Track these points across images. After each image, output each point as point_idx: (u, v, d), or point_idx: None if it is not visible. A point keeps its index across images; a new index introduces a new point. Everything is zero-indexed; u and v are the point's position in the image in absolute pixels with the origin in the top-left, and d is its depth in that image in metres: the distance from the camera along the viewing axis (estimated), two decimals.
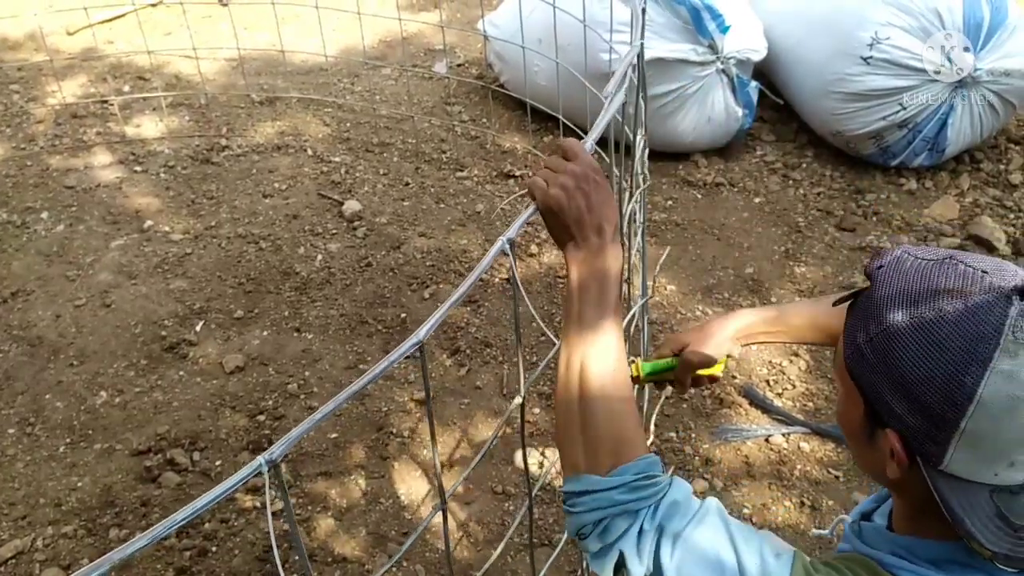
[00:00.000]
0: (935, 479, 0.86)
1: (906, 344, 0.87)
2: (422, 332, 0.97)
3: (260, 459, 0.80)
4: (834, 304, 1.09)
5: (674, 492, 1.00)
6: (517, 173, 3.66)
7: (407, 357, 0.97)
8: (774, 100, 3.85)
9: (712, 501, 1.00)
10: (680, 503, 0.99)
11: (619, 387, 1.06)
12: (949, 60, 3.25)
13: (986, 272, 0.86)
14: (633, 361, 1.31)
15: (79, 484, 2.43)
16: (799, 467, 2.44)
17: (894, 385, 0.88)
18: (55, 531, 2.30)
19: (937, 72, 3.27)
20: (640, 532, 0.98)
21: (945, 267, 0.88)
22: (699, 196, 3.55)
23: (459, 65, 4.57)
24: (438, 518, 1.21)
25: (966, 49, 3.25)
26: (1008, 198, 3.43)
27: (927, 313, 0.86)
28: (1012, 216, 3.34)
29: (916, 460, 0.88)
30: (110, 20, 4.88)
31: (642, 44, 1.68)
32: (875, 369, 0.90)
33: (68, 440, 2.56)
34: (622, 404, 1.05)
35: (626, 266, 1.80)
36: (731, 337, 1.33)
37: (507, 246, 1.09)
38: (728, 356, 1.33)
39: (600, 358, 1.06)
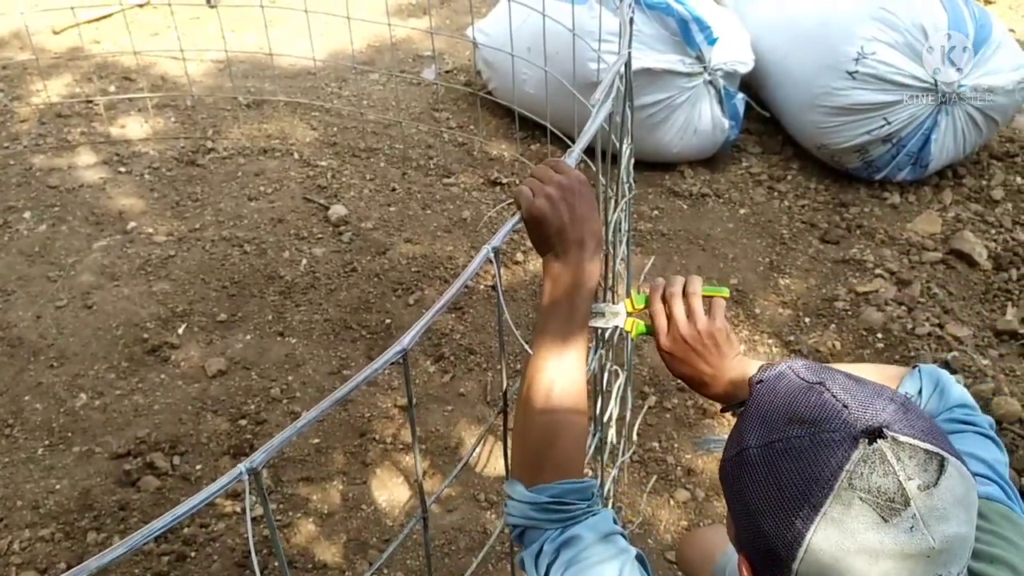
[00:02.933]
0: None
1: (754, 472, 0.84)
2: (406, 340, 0.97)
3: (240, 467, 0.80)
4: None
5: (584, 528, 1.01)
6: (504, 180, 3.67)
7: (392, 363, 0.97)
8: (760, 112, 3.88)
9: (624, 556, 0.99)
10: (582, 539, 1.00)
11: (569, 409, 1.09)
12: (933, 76, 3.28)
13: (847, 406, 0.82)
14: (627, 296, 1.32)
15: (57, 487, 2.41)
16: None
17: (743, 510, 0.86)
18: (32, 534, 2.28)
19: (921, 88, 3.30)
20: (540, 551, 1.02)
21: (811, 394, 0.85)
22: (685, 206, 3.56)
23: (448, 71, 4.57)
24: (420, 525, 1.20)
25: (950, 65, 3.28)
26: (990, 213, 3.46)
27: (777, 443, 0.83)
28: (993, 231, 3.37)
29: None
30: (97, 20, 4.86)
31: (629, 54, 1.69)
32: (731, 489, 0.89)
33: (47, 442, 2.54)
34: (569, 427, 1.08)
35: (611, 275, 1.80)
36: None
37: (492, 254, 1.09)
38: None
39: (560, 378, 1.08)
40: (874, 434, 0.79)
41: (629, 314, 1.31)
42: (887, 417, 0.80)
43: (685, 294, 1.22)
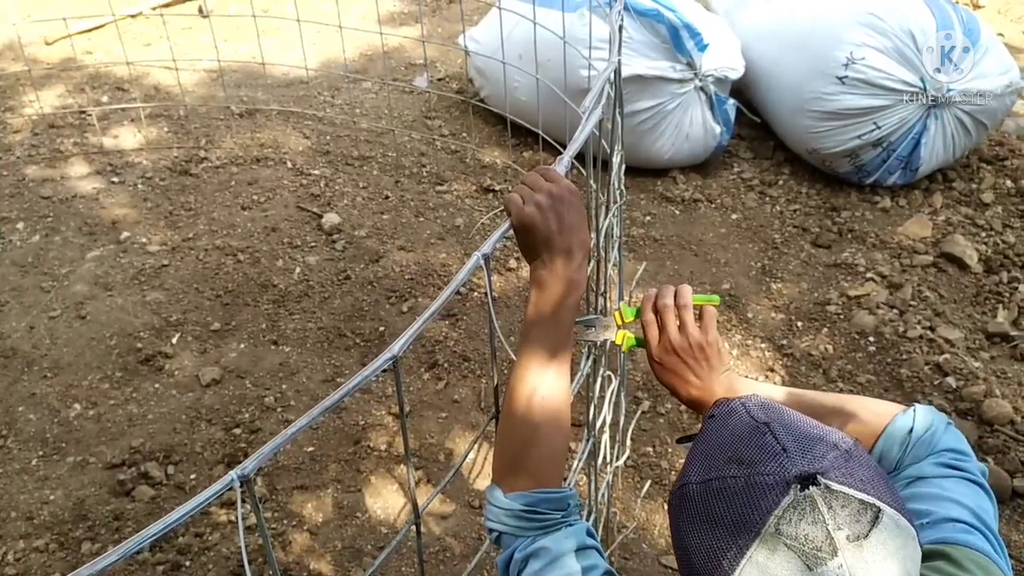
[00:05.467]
0: None
1: (690, 507, 0.85)
2: (396, 347, 0.97)
3: (232, 474, 0.80)
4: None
5: (554, 539, 1.01)
6: (497, 187, 3.68)
7: (384, 371, 0.97)
8: (751, 118, 3.90)
9: (593, 572, 0.99)
10: (550, 550, 1.00)
11: (549, 418, 1.09)
12: (922, 81, 3.30)
13: (786, 450, 0.81)
14: (617, 309, 1.31)
15: (51, 497, 2.40)
16: None
17: (680, 543, 0.86)
18: (27, 544, 2.28)
19: (911, 92, 3.32)
20: (511, 558, 1.03)
21: (754, 435, 0.85)
22: (677, 212, 3.58)
23: (440, 79, 4.58)
24: (413, 532, 1.21)
25: (939, 70, 3.30)
26: (980, 217, 3.48)
27: (715, 482, 0.83)
28: (983, 234, 3.39)
29: None
30: (89, 30, 4.86)
31: (619, 61, 1.70)
32: (672, 521, 0.89)
33: (41, 453, 2.54)
34: (547, 436, 1.09)
35: (603, 280, 1.81)
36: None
37: (483, 261, 1.10)
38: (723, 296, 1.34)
39: (541, 386, 1.09)
40: (807, 480, 0.78)
41: (620, 327, 1.32)
42: (825, 464, 0.80)
43: (677, 305, 1.23)
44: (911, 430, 1.09)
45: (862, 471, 0.81)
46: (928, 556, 0.89)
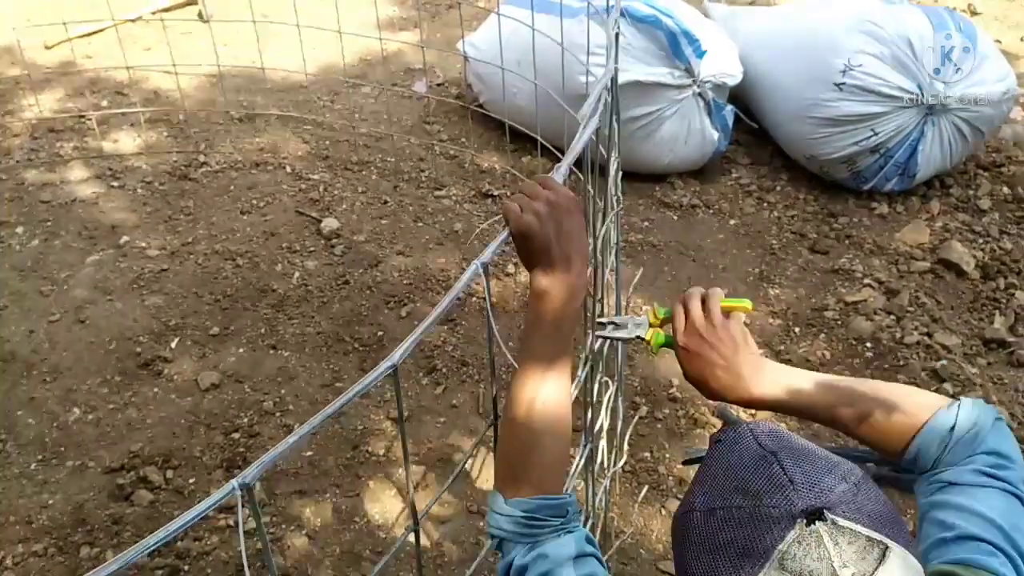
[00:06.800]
0: None
1: (695, 535, 0.84)
2: (396, 355, 0.98)
3: (233, 483, 0.81)
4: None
5: (553, 546, 1.02)
6: (496, 193, 3.69)
7: (383, 376, 0.98)
8: (749, 124, 3.91)
9: None
10: (549, 557, 1.00)
11: (549, 425, 1.09)
12: (920, 88, 3.32)
13: (792, 482, 0.80)
14: (651, 308, 1.35)
15: (50, 502, 2.41)
16: None
17: (683, 569, 0.86)
18: (25, 549, 2.28)
19: (908, 99, 3.33)
20: (511, 564, 1.03)
21: (762, 464, 0.84)
22: (675, 218, 3.59)
23: (439, 85, 4.59)
24: (412, 537, 1.21)
25: (938, 70, 3.31)
26: (977, 223, 3.49)
27: (720, 511, 0.83)
28: (981, 241, 3.40)
29: None
30: (89, 35, 4.87)
31: (616, 68, 1.71)
32: (676, 545, 0.89)
33: (40, 457, 2.54)
34: (548, 443, 1.09)
35: (600, 285, 1.82)
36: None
37: (481, 270, 1.11)
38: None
39: (541, 393, 1.10)
40: (814, 515, 0.77)
41: (651, 325, 1.34)
42: (833, 498, 0.79)
43: (703, 296, 1.24)
44: (953, 427, 1.04)
45: (870, 505, 0.80)
46: (940, 575, 0.88)
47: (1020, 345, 2.91)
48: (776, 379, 1.17)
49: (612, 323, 1.36)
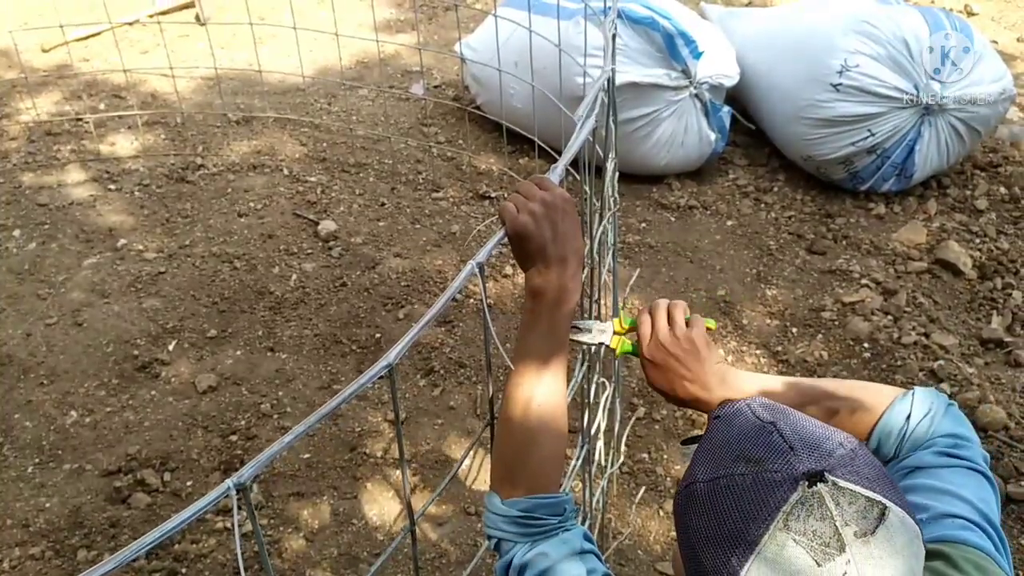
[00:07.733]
0: None
1: (698, 506, 0.86)
2: (392, 355, 0.98)
3: (228, 482, 0.81)
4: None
5: (551, 545, 1.03)
6: (493, 194, 3.69)
7: (380, 377, 0.98)
8: (746, 125, 3.91)
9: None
10: (548, 556, 1.01)
11: (545, 425, 1.10)
12: (916, 88, 3.32)
13: (793, 448, 0.83)
14: (616, 316, 1.34)
15: (47, 505, 2.41)
16: None
17: (687, 542, 0.87)
18: (22, 552, 2.28)
19: (905, 100, 3.34)
20: (510, 564, 1.04)
21: (761, 434, 0.86)
22: (672, 219, 3.59)
23: (436, 87, 4.59)
24: (409, 539, 1.22)
25: (933, 77, 3.32)
26: (974, 223, 3.50)
27: (723, 479, 0.84)
28: (978, 241, 3.40)
29: None
30: (86, 38, 4.87)
31: (613, 69, 1.71)
32: (679, 521, 0.90)
33: (37, 460, 2.54)
34: (544, 442, 1.10)
35: (597, 287, 1.82)
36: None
37: (477, 270, 1.11)
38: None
39: (537, 394, 1.10)
40: (815, 477, 0.79)
41: (616, 333, 1.33)
42: (832, 462, 0.81)
43: (668, 307, 1.24)
44: (908, 416, 1.09)
45: (867, 469, 0.83)
46: (927, 556, 0.90)
47: (1017, 345, 2.91)
48: (742, 387, 1.18)
49: (575, 327, 1.32)
